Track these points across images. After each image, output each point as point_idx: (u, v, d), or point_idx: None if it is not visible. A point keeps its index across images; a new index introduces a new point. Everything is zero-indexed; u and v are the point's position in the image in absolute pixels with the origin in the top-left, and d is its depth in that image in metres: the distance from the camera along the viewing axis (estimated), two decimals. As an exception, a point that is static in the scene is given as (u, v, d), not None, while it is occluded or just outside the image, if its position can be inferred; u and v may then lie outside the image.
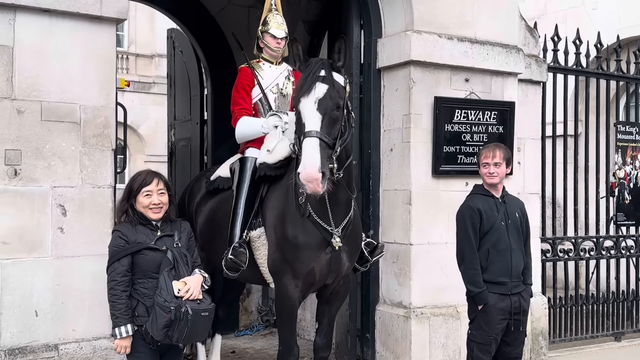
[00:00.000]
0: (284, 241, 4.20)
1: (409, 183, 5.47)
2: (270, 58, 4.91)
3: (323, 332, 4.45)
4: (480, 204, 4.29)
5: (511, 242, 4.27)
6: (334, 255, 4.19)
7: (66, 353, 4.13)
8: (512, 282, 4.26)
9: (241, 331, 7.24)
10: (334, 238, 4.13)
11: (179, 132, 8.14)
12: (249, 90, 4.81)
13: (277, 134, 4.49)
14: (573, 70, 7.01)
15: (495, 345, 4.30)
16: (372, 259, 4.60)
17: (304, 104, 3.85)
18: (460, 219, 4.34)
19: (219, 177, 4.91)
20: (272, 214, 4.34)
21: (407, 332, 5.42)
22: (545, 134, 6.62)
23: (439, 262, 5.54)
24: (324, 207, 4.10)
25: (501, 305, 4.22)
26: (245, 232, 4.39)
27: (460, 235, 4.33)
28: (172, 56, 8.17)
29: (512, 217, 4.33)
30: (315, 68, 3.91)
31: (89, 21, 4.24)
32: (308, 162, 3.67)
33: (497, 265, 4.24)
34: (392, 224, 5.63)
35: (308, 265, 4.16)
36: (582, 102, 7.20)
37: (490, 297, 4.21)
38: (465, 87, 5.72)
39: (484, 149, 4.43)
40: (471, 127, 5.69)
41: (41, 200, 4.11)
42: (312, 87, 3.86)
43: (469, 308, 4.38)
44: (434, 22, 5.59)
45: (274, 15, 4.87)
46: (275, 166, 4.40)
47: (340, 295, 4.53)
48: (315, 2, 7.31)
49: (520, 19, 6.28)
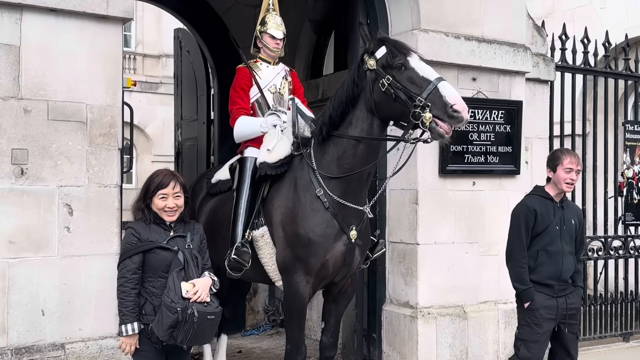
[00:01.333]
0: (296, 237, 4.19)
1: (415, 182, 5.45)
2: (267, 58, 4.92)
3: (330, 332, 4.45)
4: (537, 204, 4.32)
5: (563, 247, 4.30)
6: (349, 248, 4.21)
7: (72, 352, 4.13)
8: (559, 286, 4.29)
9: (248, 331, 7.25)
10: (352, 230, 4.16)
11: (185, 131, 8.15)
12: (247, 90, 4.82)
13: (277, 133, 4.50)
14: (581, 69, 6.97)
15: (543, 346, 4.33)
16: (373, 255, 4.62)
17: (415, 61, 3.93)
18: (515, 216, 4.38)
19: (219, 181, 4.96)
20: (280, 212, 4.33)
21: (413, 332, 5.40)
22: (553, 133, 6.59)
23: (445, 262, 5.52)
24: (345, 195, 4.14)
25: (547, 304, 4.25)
26: (247, 232, 4.40)
27: (512, 232, 4.37)
28: (178, 56, 8.19)
29: (567, 223, 4.36)
30: (391, 38, 4.08)
31: (95, 20, 4.23)
32: (459, 98, 3.81)
33: (545, 268, 4.27)
34: (398, 224, 5.62)
35: (323, 258, 4.16)
36: (590, 102, 7.16)
37: (537, 295, 4.24)
38: (473, 86, 5.70)
39: (565, 153, 4.43)
40: (478, 127, 5.67)
41: (48, 200, 4.11)
42: (408, 47, 3.99)
43: (517, 307, 4.42)
44: (440, 21, 5.57)
45: (273, 16, 4.91)
46: (276, 165, 4.40)
47: (347, 293, 4.54)
48: (322, 2, 7.30)
49: (528, 17, 6.25)
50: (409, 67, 3.90)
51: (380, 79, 3.94)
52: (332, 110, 4.18)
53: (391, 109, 3.97)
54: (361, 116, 4.09)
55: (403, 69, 3.90)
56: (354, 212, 4.19)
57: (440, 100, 3.76)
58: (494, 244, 5.66)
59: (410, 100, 3.82)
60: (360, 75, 4.06)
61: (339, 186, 4.17)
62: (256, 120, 4.70)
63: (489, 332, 5.68)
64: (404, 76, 3.88)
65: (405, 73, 3.89)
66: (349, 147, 4.13)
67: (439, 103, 3.76)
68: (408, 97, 3.84)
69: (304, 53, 7.54)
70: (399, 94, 3.87)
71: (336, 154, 4.17)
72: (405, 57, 3.93)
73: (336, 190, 4.16)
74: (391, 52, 3.94)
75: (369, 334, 5.75)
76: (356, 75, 4.09)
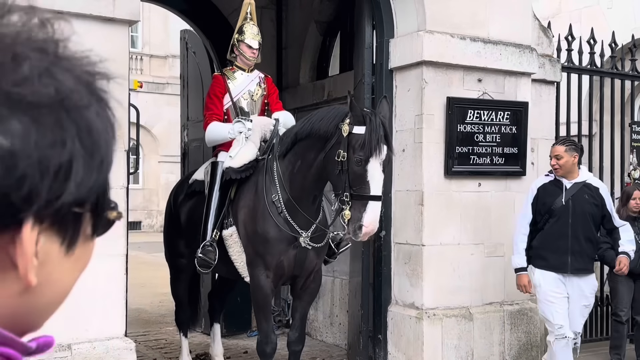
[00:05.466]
0: (255, 235, 4.52)
1: (421, 184, 5.46)
2: (243, 66, 5.23)
3: (295, 327, 4.70)
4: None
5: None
6: (300, 251, 4.48)
7: (79, 353, 4.15)
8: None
9: (254, 331, 7.23)
10: (302, 234, 4.43)
11: (191, 132, 8.16)
12: (220, 97, 5.13)
13: (241, 139, 4.80)
14: (587, 70, 6.96)
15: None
16: (339, 251, 4.89)
17: (374, 167, 4.04)
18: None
19: (195, 181, 5.24)
20: (243, 212, 4.63)
21: (419, 333, 5.40)
22: (559, 134, 6.58)
23: (451, 263, 5.52)
24: (296, 210, 4.41)
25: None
26: (215, 232, 4.68)
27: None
28: (185, 57, 8.20)
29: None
30: (376, 126, 4.04)
31: (101, 23, 4.25)
32: (374, 223, 4.05)
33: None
34: (404, 225, 5.62)
35: (278, 258, 4.46)
36: (597, 102, 7.15)
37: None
38: (478, 87, 5.70)
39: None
40: (484, 128, 5.67)
41: (54, 201, 4.13)
42: (378, 147, 4.03)
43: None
44: (446, 22, 5.57)
45: (250, 26, 5.17)
46: (240, 170, 4.67)
47: (309, 290, 4.74)
48: (327, 3, 7.31)
49: (534, 18, 6.24)
50: (365, 168, 4.03)
51: (340, 148, 4.07)
52: (307, 126, 4.37)
53: (331, 174, 4.20)
54: (318, 148, 4.27)
55: (361, 163, 4.03)
56: (303, 222, 4.45)
57: (360, 213, 4.00)
58: (499, 245, 5.66)
59: (345, 189, 4.04)
60: (336, 126, 4.16)
61: (291, 197, 4.43)
62: (225, 127, 5.01)
63: (494, 333, 5.68)
64: (356, 168, 4.04)
65: (359, 167, 4.03)
66: (303, 167, 4.38)
67: (357, 213, 4.00)
68: (346, 183, 4.05)
69: (310, 54, 7.55)
70: (342, 174, 4.07)
71: (292, 168, 4.45)
72: (369, 157, 4.03)
73: (289, 201, 4.43)
74: (362, 142, 4.03)
75: (375, 335, 5.75)
76: (334, 120, 4.20)
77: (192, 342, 6.01)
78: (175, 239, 5.45)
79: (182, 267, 5.42)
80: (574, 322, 4.88)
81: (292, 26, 7.64)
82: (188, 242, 5.18)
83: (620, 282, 5.73)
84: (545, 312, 4.81)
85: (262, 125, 4.86)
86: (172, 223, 5.50)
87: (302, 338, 4.74)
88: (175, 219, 5.43)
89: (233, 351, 6.43)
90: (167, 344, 6.64)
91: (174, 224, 5.45)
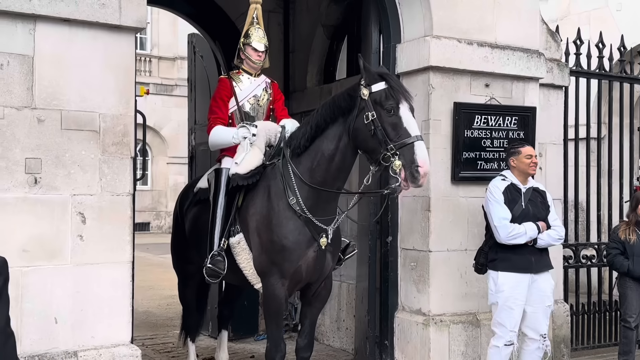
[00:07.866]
0: (271, 243, 4.40)
1: (427, 189, 5.43)
2: (249, 70, 5.15)
3: (304, 333, 4.63)
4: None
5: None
6: (319, 254, 4.41)
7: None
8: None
9: (260, 335, 7.24)
10: (322, 237, 4.37)
11: (199, 136, 8.16)
12: (226, 101, 5.06)
13: (246, 145, 4.73)
14: (596, 74, 6.92)
15: None
16: (345, 257, 4.82)
17: (405, 110, 4.07)
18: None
19: (199, 189, 5.21)
20: (254, 219, 4.53)
21: (426, 339, 5.39)
22: (567, 137, 6.55)
23: (458, 269, 5.50)
24: (316, 207, 4.35)
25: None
26: (223, 240, 4.62)
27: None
28: (192, 61, 8.21)
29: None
30: (393, 76, 4.22)
31: (108, 30, 4.26)
32: (427, 161, 4.00)
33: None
34: (411, 231, 5.60)
35: (296, 263, 4.36)
36: (605, 105, 7.11)
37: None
38: (486, 92, 5.67)
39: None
40: (491, 133, 5.64)
41: (61, 209, 4.14)
42: (404, 92, 4.13)
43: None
44: (453, 27, 5.54)
45: (256, 29, 5.12)
46: (247, 176, 4.61)
47: (321, 297, 4.70)
48: (335, 7, 7.30)
49: (542, 22, 6.21)
50: (397, 115, 4.05)
51: (366, 111, 4.10)
52: (318, 118, 4.36)
53: (365, 142, 4.16)
54: (338, 134, 4.27)
55: (392, 113, 4.05)
56: (324, 220, 4.40)
57: (411, 156, 3.97)
58: (507, 251, 5.62)
59: (385, 144, 4.03)
60: (353, 97, 4.21)
61: (310, 196, 4.36)
62: (229, 131, 4.93)
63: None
64: (389, 120, 4.05)
65: (392, 118, 4.05)
66: (323, 160, 4.32)
67: (409, 158, 3.97)
68: (384, 139, 4.03)
69: (317, 58, 7.54)
70: (378, 132, 4.05)
71: (310, 165, 4.38)
72: (398, 103, 4.07)
73: (308, 200, 4.36)
74: (387, 93, 4.08)
75: (381, 341, 5.73)
76: (348, 96, 4.25)
77: (199, 346, 6.01)
78: (183, 245, 5.45)
79: (190, 273, 5.41)
80: (538, 324, 4.86)
81: (299, 30, 7.63)
82: (195, 249, 5.13)
83: (630, 288, 5.69)
84: (503, 317, 4.76)
85: (267, 130, 4.81)
86: (179, 230, 5.50)
87: (311, 345, 4.67)
88: (182, 226, 5.42)
89: (240, 355, 6.43)
90: (175, 347, 6.65)
91: (181, 231, 5.44)
